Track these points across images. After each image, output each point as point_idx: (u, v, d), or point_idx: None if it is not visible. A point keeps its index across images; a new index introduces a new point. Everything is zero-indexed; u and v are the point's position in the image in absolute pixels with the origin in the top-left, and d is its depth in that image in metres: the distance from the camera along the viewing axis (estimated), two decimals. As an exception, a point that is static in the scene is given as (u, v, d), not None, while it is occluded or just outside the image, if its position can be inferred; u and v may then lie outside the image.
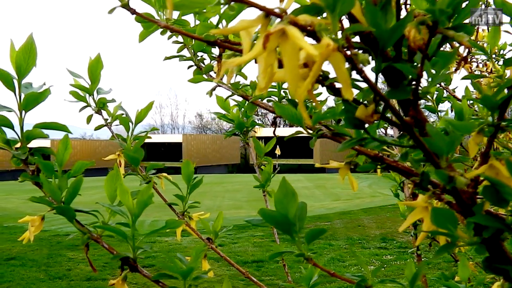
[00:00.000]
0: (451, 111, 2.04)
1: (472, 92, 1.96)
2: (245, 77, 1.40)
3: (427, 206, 0.80)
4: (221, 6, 0.76)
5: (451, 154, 0.73)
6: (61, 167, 1.21)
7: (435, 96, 2.08)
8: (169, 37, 1.55)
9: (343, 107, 0.76)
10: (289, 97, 1.25)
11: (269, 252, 11.45)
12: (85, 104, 1.81)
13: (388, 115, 0.75)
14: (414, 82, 0.73)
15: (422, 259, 2.64)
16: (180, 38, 1.57)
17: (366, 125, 0.76)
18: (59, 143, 1.24)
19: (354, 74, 0.66)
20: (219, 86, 1.43)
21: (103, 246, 1.20)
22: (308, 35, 0.60)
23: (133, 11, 0.93)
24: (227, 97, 1.69)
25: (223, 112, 2.09)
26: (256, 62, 0.62)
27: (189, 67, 1.59)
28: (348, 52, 0.63)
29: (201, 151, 67.70)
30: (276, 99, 1.35)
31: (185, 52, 1.59)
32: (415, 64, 0.70)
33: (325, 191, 29.38)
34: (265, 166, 2.23)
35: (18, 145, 1.24)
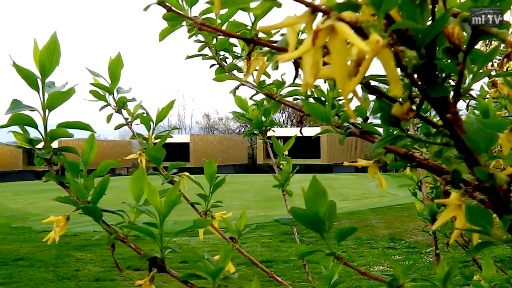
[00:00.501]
0: (467, 109, 2.03)
1: (487, 91, 1.95)
2: (269, 76, 1.40)
3: (460, 204, 0.80)
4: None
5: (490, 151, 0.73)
6: (86, 167, 1.20)
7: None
8: (190, 36, 1.55)
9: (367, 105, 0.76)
10: (315, 95, 1.24)
11: (277, 252, 11.46)
12: (105, 103, 1.81)
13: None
14: (450, 80, 0.73)
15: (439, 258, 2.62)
16: (200, 37, 1.57)
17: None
18: (84, 143, 1.23)
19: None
20: (243, 84, 1.42)
21: (130, 246, 1.19)
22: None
23: (168, 8, 0.93)
24: (252, 96, 1.69)
25: (240, 111, 2.09)
26: (299, 59, 0.61)
27: (211, 66, 1.58)
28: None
29: (209, 151, 67.68)
30: (303, 97, 1.34)
31: (205, 51, 1.59)
32: (457, 61, 0.69)
33: (332, 191, 29.35)
34: (284, 166, 2.22)
35: (41, 144, 1.24)
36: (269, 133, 2.24)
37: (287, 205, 2.20)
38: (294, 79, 0.94)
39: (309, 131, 64.02)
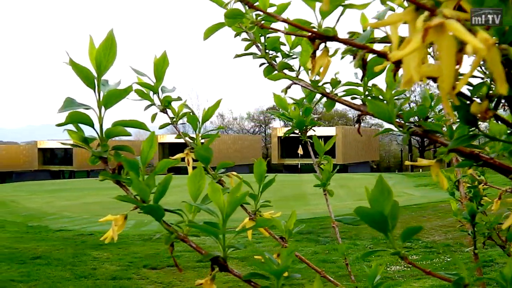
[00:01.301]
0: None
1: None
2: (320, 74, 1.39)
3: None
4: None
5: None
6: (144, 166, 1.19)
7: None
8: (236, 35, 1.54)
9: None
10: (373, 94, 1.22)
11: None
12: (150, 103, 1.80)
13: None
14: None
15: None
16: (241, 35, 1.56)
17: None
18: (144, 142, 1.22)
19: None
20: (295, 83, 1.41)
21: (191, 246, 1.18)
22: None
23: (250, 5, 0.92)
24: (307, 95, 1.68)
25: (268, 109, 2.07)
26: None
27: (261, 64, 1.57)
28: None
29: (223, 151, 67.80)
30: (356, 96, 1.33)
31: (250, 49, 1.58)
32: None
33: (348, 191, 29.27)
34: (324, 165, 2.20)
35: (95, 143, 1.22)
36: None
37: (329, 204, 2.18)
38: (363, 77, 0.93)
39: (325, 131, 63.91)
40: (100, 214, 21.71)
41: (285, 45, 1.53)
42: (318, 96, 1.75)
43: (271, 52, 1.54)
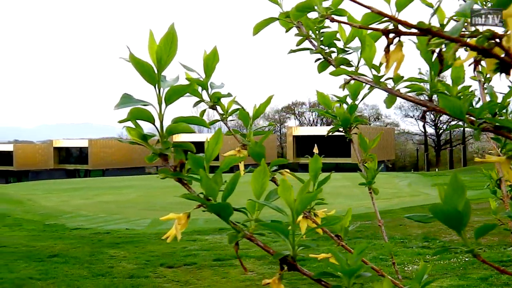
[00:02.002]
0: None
1: None
2: (378, 70, 1.36)
3: None
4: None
5: None
6: (209, 163, 1.17)
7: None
8: (287, 30, 1.53)
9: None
10: (439, 90, 1.21)
11: (310, 250, 11.36)
12: (199, 99, 1.78)
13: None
14: None
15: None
16: (294, 30, 1.55)
17: None
18: (210, 138, 1.19)
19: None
20: (353, 79, 1.39)
21: (258, 245, 1.15)
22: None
23: None
24: (370, 90, 1.66)
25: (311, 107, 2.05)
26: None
27: (317, 60, 1.56)
28: None
29: (238, 150, 67.65)
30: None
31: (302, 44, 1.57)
32: None
33: (364, 190, 28.88)
34: (369, 163, 2.18)
35: (153, 140, 1.20)
36: (303, 132, 2.19)
37: (374, 203, 2.16)
38: (440, 72, 0.91)
39: (325, 130, 63.56)
40: (116, 213, 21.84)
41: (339, 40, 1.52)
42: (361, 93, 1.73)
43: (324, 47, 1.53)
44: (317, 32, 1.51)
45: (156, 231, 15.78)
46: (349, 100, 1.92)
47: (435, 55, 0.97)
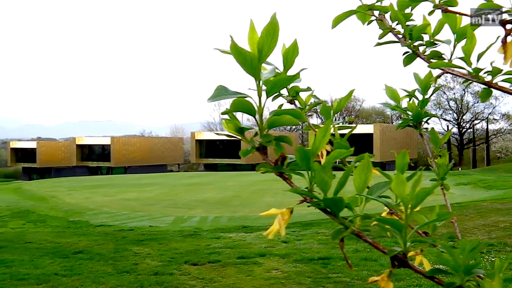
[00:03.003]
0: None
1: None
2: (470, 64, 1.33)
3: None
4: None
5: None
6: (314, 156, 1.13)
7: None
8: (369, 22, 1.51)
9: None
10: None
11: (335, 249, 11.35)
12: (277, 93, 1.75)
13: None
14: None
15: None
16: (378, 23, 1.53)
17: None
18: (318, 131, 1.16)
19: None
20: (447, 72, 1.36)
21: (366, 241, 1.12)
22: None
23: None
24: (468, 84, 1.63)
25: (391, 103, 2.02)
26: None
27: (405, 53, 1.54)
28: None
29: (260, 148, 67.63)
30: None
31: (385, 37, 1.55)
32: None
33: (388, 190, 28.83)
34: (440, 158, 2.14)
35: (248, 134, 1.17)
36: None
37: (446, 199, 2.12)
38: None
39: (363, 129, 63.22)
40: (139, 210, 21.94)
41: (425, 33, 1.49)
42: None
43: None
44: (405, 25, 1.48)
45: (179, 228, 15.81)
46: (418, 95, 1.89)
47: None
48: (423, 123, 2.04)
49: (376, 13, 1.51)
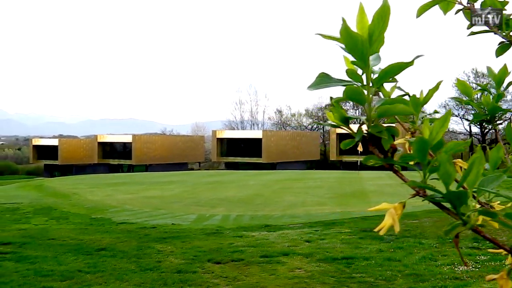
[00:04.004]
0: None
1: None
2: None
3: None
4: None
5: None
6: (429, 147, 1.08)
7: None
8: (457, 12, 1.48)
9: None
10: None
11: (358, 249, 11.31)
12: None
13: None
14: None
15: None
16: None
17: None
18: (436, 121, 1.11)
19: None
20: None
21: (485, 237, 1.07)
22: None
23: None
24: (497, 81, 1.60)
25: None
26: None
27: (500, 43, 1.50)
28: None
29: (280, 147, 67.93)
30: None
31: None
32: None
33: (408, 189, 28.55)
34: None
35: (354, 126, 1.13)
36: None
37: None
38: None
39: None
40: (161, 207, 21.99)
41: None
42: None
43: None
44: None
45: (201, 226, 15.82)
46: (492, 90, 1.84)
47: None
48: (497, 118, 1.98)
49: (465, 1, 1.47)
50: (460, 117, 69.64)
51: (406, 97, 1.76)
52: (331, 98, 1.06)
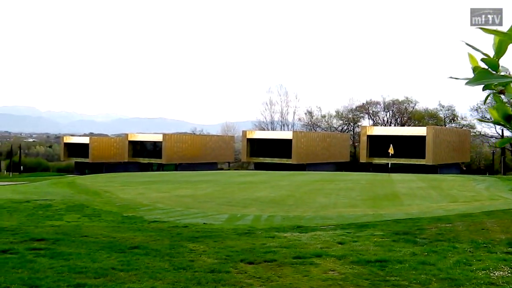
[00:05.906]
0: None
1: None
2: None
3: None
4: None
5: None
6: None
7: None
8: None
9: None
10: None
11: (391, 252, 11.22)
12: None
13: None
14: None
15: None
16: None
17: None
18: None
19: None
20: None
21: None
22: None
23: None
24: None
25: None
26: None
27: None
28: None
29: (310, 149, 67.73)
30: None
31: None
32: None
33: (441, 192, 28.62)
34: None
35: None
36: (379, 132, 2.01)
37: None
38: None
39: (415, 131, 62.30)
40: (192, 207, 22.06)
41: None
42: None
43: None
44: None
45: (233, 226, 15.82)
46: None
47: None
48: None
49: None
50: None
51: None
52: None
